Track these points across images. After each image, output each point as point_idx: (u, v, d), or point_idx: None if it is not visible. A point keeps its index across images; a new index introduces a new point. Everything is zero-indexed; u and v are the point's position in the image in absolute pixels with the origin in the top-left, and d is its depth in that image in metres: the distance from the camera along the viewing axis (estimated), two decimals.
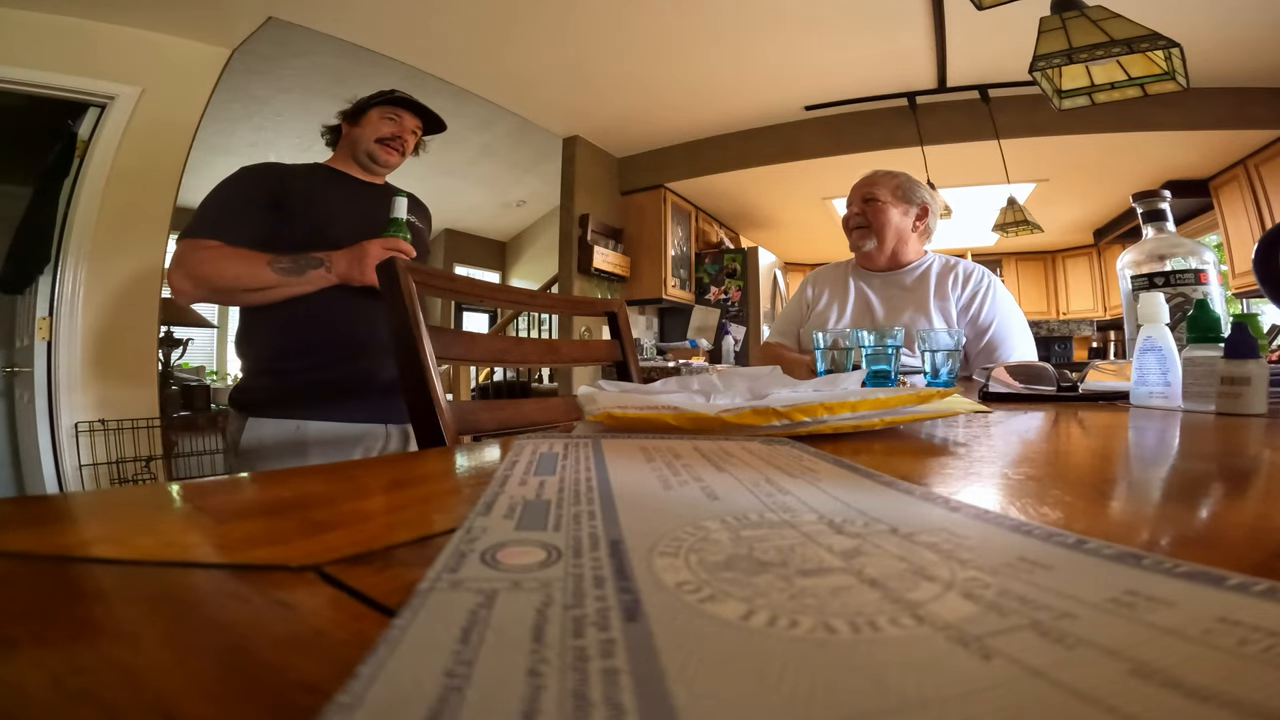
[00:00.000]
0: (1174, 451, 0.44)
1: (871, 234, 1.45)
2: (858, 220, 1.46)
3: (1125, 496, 0.29)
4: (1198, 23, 2.30)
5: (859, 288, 1.50)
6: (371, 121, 1.29)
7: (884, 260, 1.47)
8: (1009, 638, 0.12)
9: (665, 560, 0.16)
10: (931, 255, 1.49)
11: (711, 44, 2.71)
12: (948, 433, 0.50)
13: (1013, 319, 1.37)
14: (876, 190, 1.46)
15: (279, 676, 0.12)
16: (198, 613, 0.15)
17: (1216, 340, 0.64)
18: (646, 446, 0.37)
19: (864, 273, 1.51)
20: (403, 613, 0.13)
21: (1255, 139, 3.02)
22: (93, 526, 0.25)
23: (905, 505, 0.22)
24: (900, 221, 1.45)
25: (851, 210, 1.49)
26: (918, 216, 1.45)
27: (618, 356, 1.11)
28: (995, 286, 1.39)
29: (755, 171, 3.76)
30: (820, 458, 0.33)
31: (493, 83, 3.02)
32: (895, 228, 1.45)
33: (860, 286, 1.50)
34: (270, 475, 0.37)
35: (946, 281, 1.40)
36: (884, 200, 1.44)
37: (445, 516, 0.23)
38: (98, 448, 2.27)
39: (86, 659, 0.12)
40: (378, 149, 1.28)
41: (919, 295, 1.41)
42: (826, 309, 1.51)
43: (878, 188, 1.46)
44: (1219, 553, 0.19)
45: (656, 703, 0.09)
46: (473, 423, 0.80)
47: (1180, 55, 1.21)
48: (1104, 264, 4.95)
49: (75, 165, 2.31)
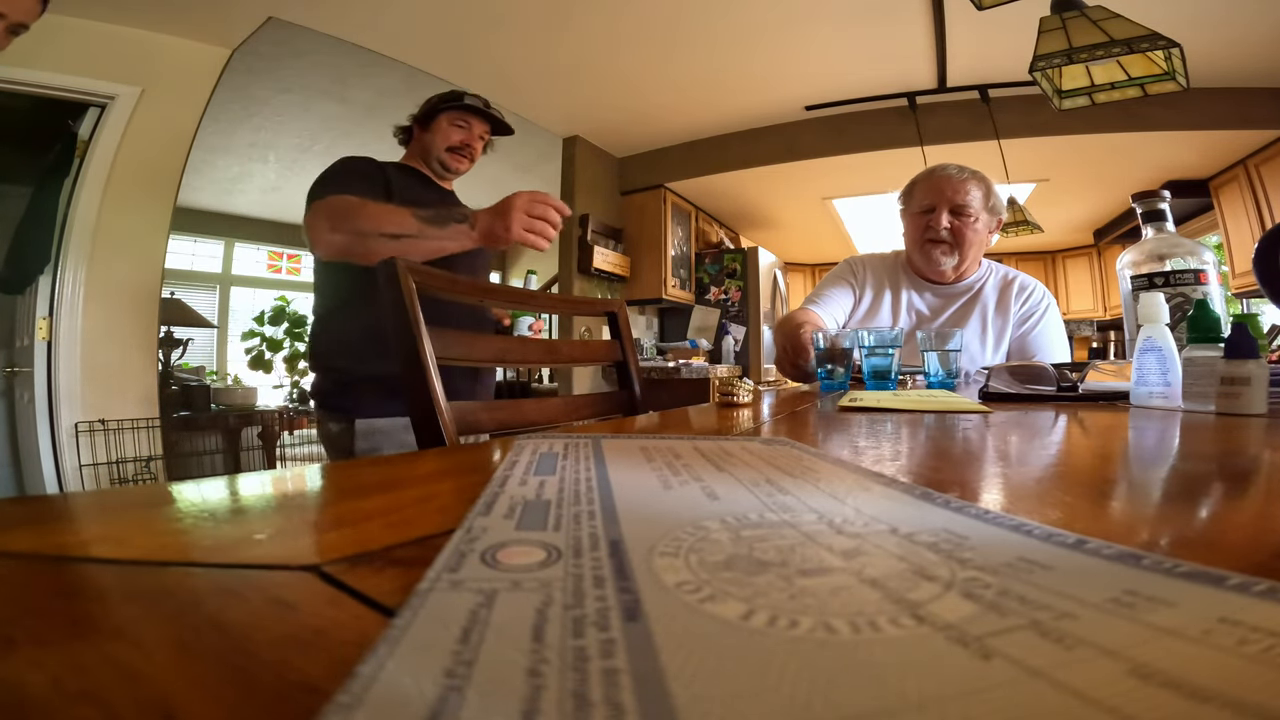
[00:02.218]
0: (1174, 452, 0.43)
1: (955, 251, 1.26)
2: (945, 234, 1.25)
3: (1125, 497, 0.29)
4: (1198, 23, 2.30)
5: (909, 295, 1.36)
6: (441, 128, 1.29)
7: (952, 277, 1.32)
8: (1009, 638, 0.12)
9: (665, 560, 0.16)
10: (986, 265, 1.36)
11: (712, 44, 2.71)
12: (948, 433, 0.50)
13: (1058, 344, 1.31)
14: (969, 200, 1.24)
15: (279, 676, 0.12)
16: (198, 613, 0.15)
17: (1216, 340, 0.64)
18: (647, 446, 0.37)
19: (916, 279, 1.36)
20: (403, 613, 0.13)
21: (1255, 139, 3.02)
22: (93, 526, 0.25)
23: (905, 505, 0.22)
24: (985, 238, 1.29)
25: (938, 222, 1.25)
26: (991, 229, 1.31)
27: (618, 356, 1.11)
28: (1051, 309, 1.32)
29: (755, 171, 3.76)
30: (820, 458, 0.33)
31: (493, 82, 3.01)
32: (980, 245, 1.28)
33: (910, 294, 1.36)
34: (270, 475, 0.37)
35: (1009, 297, 1.31)
36: (974, 214, 1.24)
37: (445, 516, 0.23)
38: (98, 448, 2.27)
39: (86, 659, 0.12)
40: (448, 157, 1.28)
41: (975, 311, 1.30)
42: (875, 305, 1.37)
43: (970, 196, 1.25)
44: (1219, 553, 0.19)
45: (656, 703, 0.09)
46: (473, 423, 0.79)
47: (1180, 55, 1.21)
48: (1104, 264, 4.95)
49: (75, 165, 2.31)
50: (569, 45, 2.72)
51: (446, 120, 1.29)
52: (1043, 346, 1.30)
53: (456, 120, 1.30)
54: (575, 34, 2.62)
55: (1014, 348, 1.32)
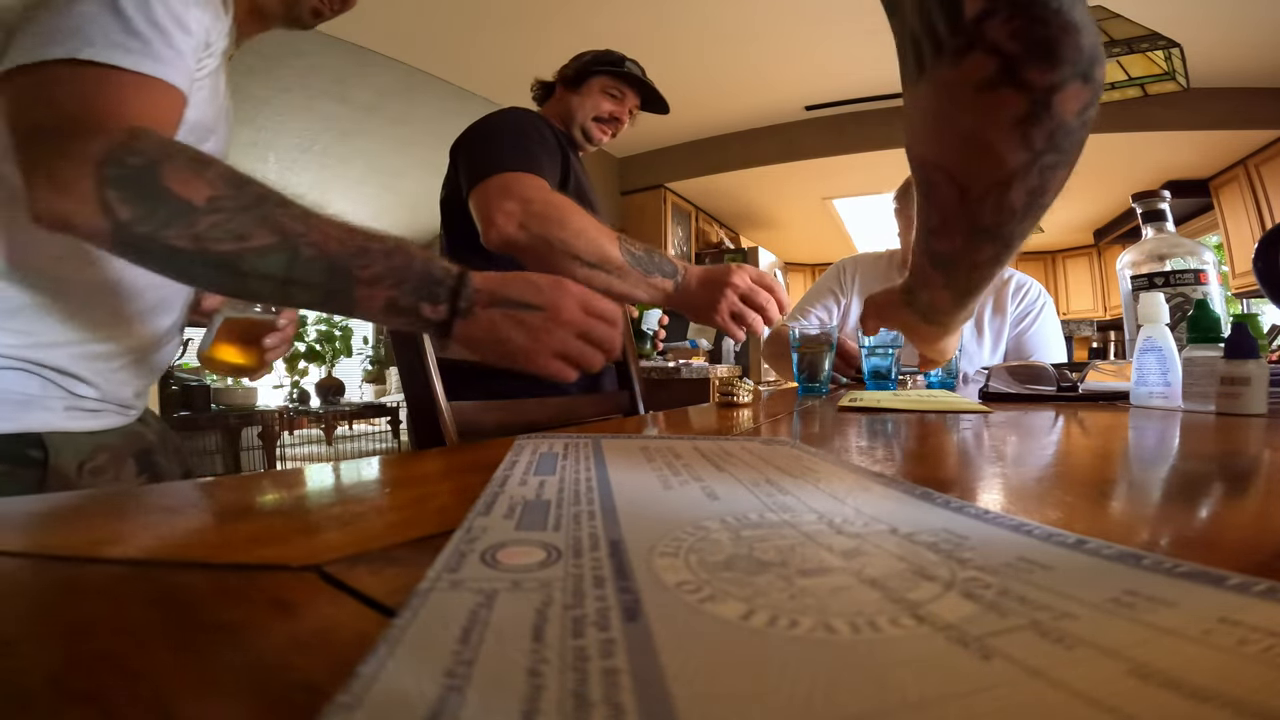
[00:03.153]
0: (1174, 452, 0.44)
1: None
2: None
3: (1125, 497, 0.29)
4: (1198, 23, 2.30)
5: None
6: (593, 94, 1.11)
7: None
8: (1009, 638, 0.12)
9: (665, 560, 0.16)
10: None
11: (712, 44, 2.71)
12: (948, 433, 0.50)
13: (1055, 343, 1.33)
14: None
15: (279, 676, 0.12)
16: (198, 613, 0.15)
17: (1216, 340, 0.64)
18: (647, 446, 0.37)
19: None
20: (403, 613, 0.13)
21: (1255, 139, 3.02)
22: (93, 526, 0.25)
23: (905, 505, 0.22)
24: None
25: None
26: None
27: (618, 356, 1.11)
28: (1048, 308, 1.34)
29: (756, 171, 3.76)
30: (820, 458, 0.33)
31: (492, 82, 3.02)
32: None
33: None
34: (270, 475, 0.37)
35: (1005, 296, 1.33)
36: None
37: (445, 516, 0.23)
38: None
39: (86, 659, 0.12)
40: (594, 128, 1.11)
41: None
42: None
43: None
44: (1219, 553, 0.19)
45: (656, 703, 0.09)
46: (473, 423, 0.80)
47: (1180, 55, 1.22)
48: (1104, 264, 4.95)
49: None
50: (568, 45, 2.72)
51: (600, 86, 1.10)
52: (1039, 345, 1.30)
53: (611, 88, 1.11)
54: (574, 34, 2.62)
55: (1010, 346, 1.32)
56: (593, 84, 1.11)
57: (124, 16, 0.49)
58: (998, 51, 0.31)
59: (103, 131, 0.45)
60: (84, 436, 0.61)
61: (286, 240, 0.46)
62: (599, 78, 1.11)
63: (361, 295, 0.48)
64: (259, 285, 0.47)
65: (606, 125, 1.12)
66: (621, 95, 1.12)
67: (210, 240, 0.45)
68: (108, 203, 0.44)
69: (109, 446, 0.63)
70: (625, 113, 1.14)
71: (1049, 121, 0.33)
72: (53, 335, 0.57)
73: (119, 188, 0.44)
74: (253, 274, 0.46)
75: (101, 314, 0.61)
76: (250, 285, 0.47)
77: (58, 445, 0.58)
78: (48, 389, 0.58)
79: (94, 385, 0.61)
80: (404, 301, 0.49)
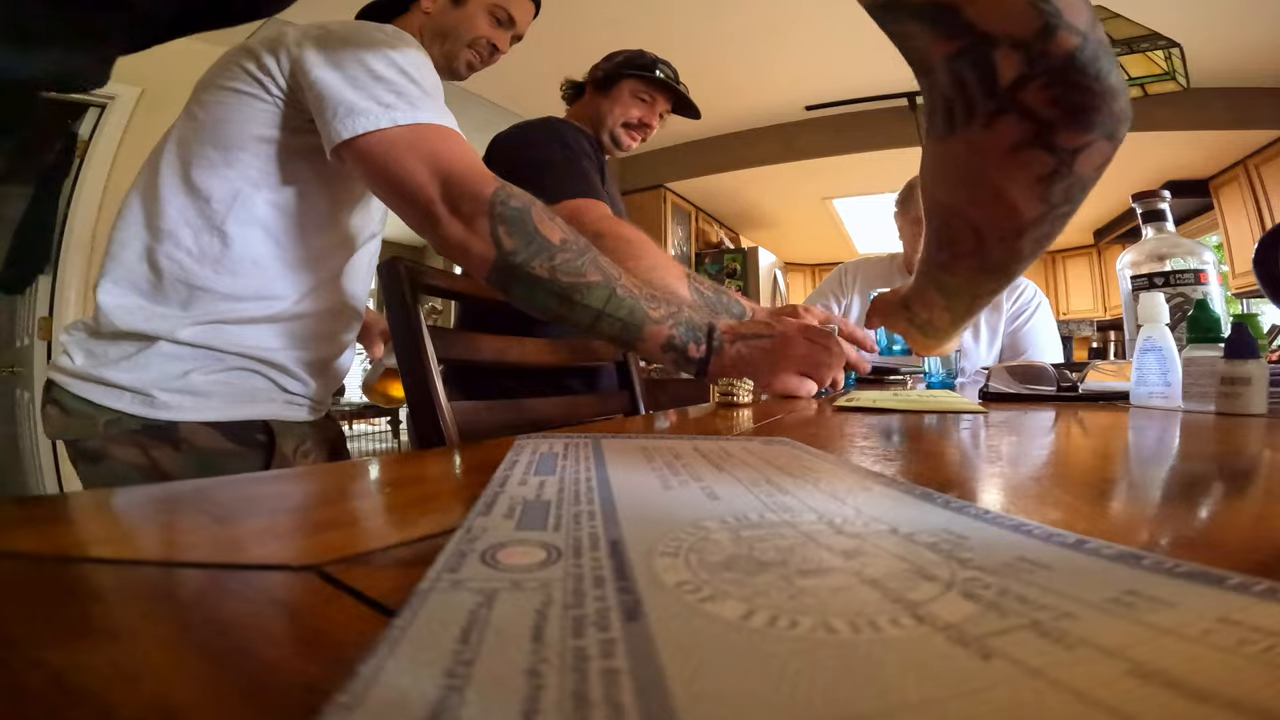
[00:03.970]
0: (1174, 452, 0.43)
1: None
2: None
3: (1125, 497, 0.29)
4: (1198, 23, 2.30)
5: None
6: (622, 98, 1.09)
7: None
8: (1009, 638, 0.12)
9: (665, 560, 0.16)
10: None
11: (712, 44, 2.71)
12: (948, 433, 0.50)
13: (1050, 341, 1.34)
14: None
15: (279, 676, 0.12)
16: (198, 613, 0.15)
17: (1216, 340, 0.64)
18: (647, 446, 0.37)
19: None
20: (403, 613, 0.13)
21: (1255, 139, 3.02)
22: (93, 526, 0.25)
23: (905, 505, 0.22)
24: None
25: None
26: None
27: (618, 356, 1.11)
28: (1043, 307, 1.36)
29: (755, 171, 3.76)
30: (820, 457, 0.33)
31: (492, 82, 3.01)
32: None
33: None
34: (269, 475, 0.37)
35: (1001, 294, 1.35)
36: None
37: (445, 516, 0.23)
38: None
39: (86, 659, 0.12)
40: (623, 134, 1.10)
41: None
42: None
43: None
44: (1219, 553, 0.19)
45: (656, 703, 0.09)
46: (473, 423, 0.79)
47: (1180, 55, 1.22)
48: (1104, 264, 4.95)
49: (75, 165, 2.31)
50: (568, 46, 2.72)
51: (629, 90, 1.08)
52: (1034, 343, 1.31)
53: (641, 93, 1.09)
54: (574, 34, 2.62)
55: (1006, 343, 1.33)
56: (623, 87, 1.09)
57: (422, 87, 0.61)
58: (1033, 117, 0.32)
59: (486, 180, 0.57)
60: (297, 426, 0.73)
61: (608, 281, 0.57)
62: (629, 80, 1.09)
63: (649, 332, 0.58)
64: (581, 314, 0.56)
65: (635, 131, 1.11)
66: (651, 99, 1.11)
67: (560, 273, 0.55)
68: (498, 236, 0.55)
69: (313, 435, 0.77)
70: (654, 117, 1.12)
71: (1069, 178, 0.34)
72: (282, 343, 0.70)
73: (505, 225, 0.55)
74: (580, 304, 0.56)
75: (325, 329, 0.75)
76: (575, 313, 0.56)
77: (280, 432, 0.70)
78: (272, 386, 0.70)
79: (306, 384, 0.74)
80: (678, 341, 0.59)
